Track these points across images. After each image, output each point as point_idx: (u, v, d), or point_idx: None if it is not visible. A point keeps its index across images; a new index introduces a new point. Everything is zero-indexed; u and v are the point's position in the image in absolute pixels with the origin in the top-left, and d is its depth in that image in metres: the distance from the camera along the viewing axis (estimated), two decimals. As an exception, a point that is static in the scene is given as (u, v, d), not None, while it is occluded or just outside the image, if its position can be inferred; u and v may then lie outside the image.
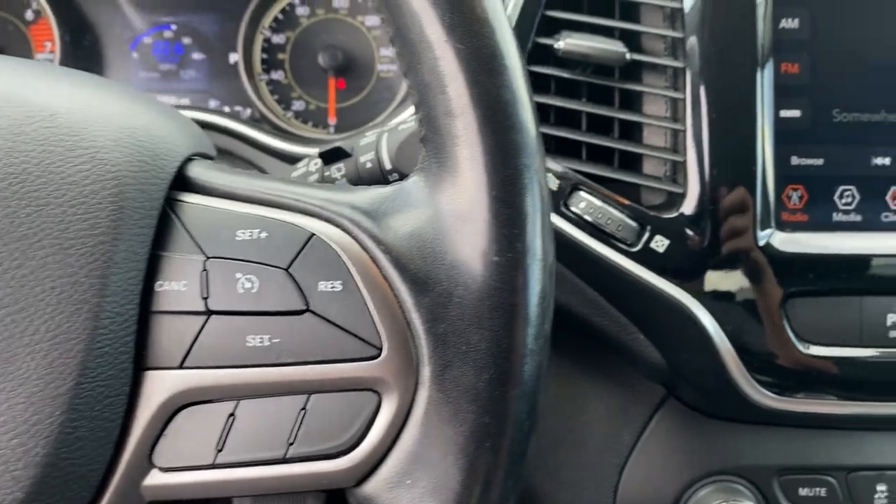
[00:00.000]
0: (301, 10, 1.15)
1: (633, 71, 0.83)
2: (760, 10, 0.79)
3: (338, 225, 0.50)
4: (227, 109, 1.14)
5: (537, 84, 0.83)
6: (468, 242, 0.48)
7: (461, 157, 0.48)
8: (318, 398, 0.48)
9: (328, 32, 1.15)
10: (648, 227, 0.80)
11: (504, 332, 0.47)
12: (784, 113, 0.80)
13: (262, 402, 0.48)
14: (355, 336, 0.48)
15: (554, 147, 0.84)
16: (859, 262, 0.79)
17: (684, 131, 0.79)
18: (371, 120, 1.11)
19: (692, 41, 0.79)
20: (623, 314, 0.83)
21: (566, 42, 0.81)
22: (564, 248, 0.82)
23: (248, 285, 0.48)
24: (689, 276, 0.79)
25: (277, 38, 1.15)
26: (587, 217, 0.80)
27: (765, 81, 0.79)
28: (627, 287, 0.80)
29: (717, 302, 0.79)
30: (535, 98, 0.82)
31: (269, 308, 0.48)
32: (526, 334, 0.47)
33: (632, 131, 0.84)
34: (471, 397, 0.47)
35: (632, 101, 0.84)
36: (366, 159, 0.74)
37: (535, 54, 0.84)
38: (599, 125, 0.84)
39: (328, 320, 0.48)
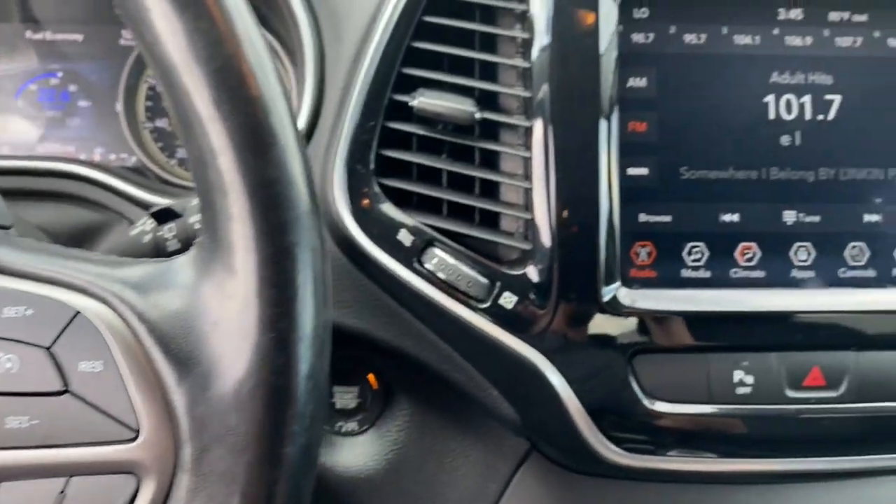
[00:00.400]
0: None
1: (491, 128, 0.84)
2: (607, 69, 0.80)
3: (105, 301, 0.49)
4: (112, 157, 1.13)
5: (399, 140, 0.84)
6: (233, 321, 0.47)
7: (230, 233, 0.48)
8: (78, 481, 0.47)
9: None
10: (498, 284, 0.80)
11: (264, 413, 0.47)
12: (631, 170, 0.81)
13: (21, 485, 0.47)
14: (113, 418, 0.47)
15: (416, 202, 0.84)
16: (706, 319, 0.80)
17: (531, 189, 0.80)
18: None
19: (538, 99, 0.80)
20: (477, 370, 0.82)
21: (419, 101, 0.82)
22: (420, 305, 0.82)
23: (8, 365, 0.47)
24: (535, 332, 0.79)
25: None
26: (440, 274, 0.80)
27: (612, 139, 0.80)
28: (479, 344, 0.80)
29: (564, 359, 0.79)
30: (394, 154, 0.84)
31: (29, 389, 0.47)
32: (288, 415, 0.47)
33: (493, 187, 0.84)
34: (227, 481, 0.46)
35: (493, 158, 0.84)
36: (194, 220, 0.73)
37: (395, 111, 0.84)
38: (462, 180, 0.84)
39: (87, 401, 0.47)
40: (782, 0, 0.82)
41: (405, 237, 0.81)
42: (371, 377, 0.94)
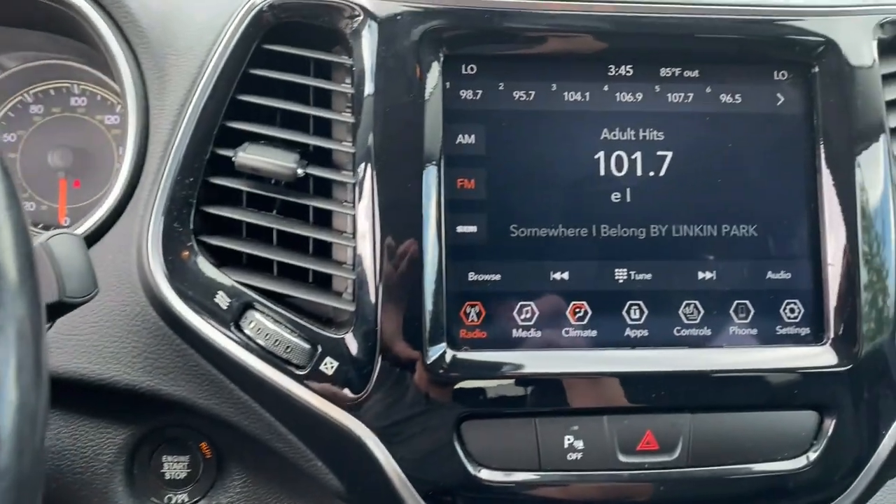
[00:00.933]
0: (35, 109, 1.10)
1: (325, 184, 0.81)
2: (433, 125, 0.78)
3: None
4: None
5: (228, 196, 0.80)
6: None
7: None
8: None
9: (65, 131, 1.09)
10: (320, 348, 0.76)
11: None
12: (461, 228, 0.79)
13: None
14: None
15: (245, 261, 0.80)
16: (536, 382, 0.77)
17: (354, 247, 0.76)
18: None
19: (362, 155, 0.77)
20: (300, 441, 0.78)
21: (240, 156, 0.78)
22: (238, 372, 0.77)
23: None
24: (357, 400, 0.75)
25: (8, 137, 1.09)
26: (258, 340, 0.76)
27: (441, 197, 0.78)
28: (300, 413, 0.76)
29: (388, 427, 0.75)
30: (215, 211, 0.80)
31: None
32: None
33: (327, 245, 0.81)
34: None
35: (327, 215, 0.81)
36: None
37: (219, 166, 0.80)
38: (290, 238, 0.81)
39: None
40: (612, 56, 0.82)
41: (222, 300, 0.77)
42: (203, 446, 0.88)
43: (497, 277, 0.79)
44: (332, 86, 0.81)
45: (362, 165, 0.77)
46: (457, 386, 0.76)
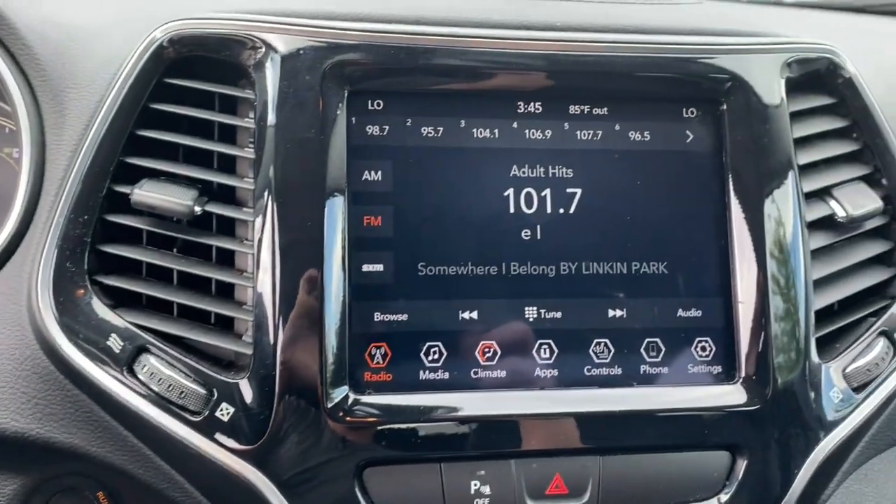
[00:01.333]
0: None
1: (229, 223, 0.78)
2: (337, 161, 0.76)
3: None
4: None
5: (129, 234, 0.77)
6: None
7: None
8: None
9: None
10: (216, 394, 0.73)
11: None
12: (366, 267, 0.76)
13: None
14: None
15: (145, 302, 0.77)
16: (441, 425, 0.74)
17: (256, 287, 0.74)
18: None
19: (262, 190, 0.75)
20: (198, 490, 0.74)
21: (136, 192, 0.75)
22: (131, 419, 0.74)
23: None
24: (254, 447, 0.72)
25: None
26: (151, 385, 0.73)
27: (346, 234, 0.76)
28: (196, 462, 0.73)
29: (286, 476, 0.72)
30: (111, 250, 0.77)
31: None
32: None
33: (229, 285, 0.78)
34: None
35: (233, 255, 0.78)
36: None
37: (118, 203, 0.77)
38: (190, 279, 0.78)
39: None
40: (521, 93, 0.81)
41: (115, 343, 0.73)
42: (101, 495, 0.84)
43: (404, 317, 0.77)
44: (233, 120, 0.78)
45: (262, 202, 0.75)
46: (358, 431, 0.73)
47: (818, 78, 0.90)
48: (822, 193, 0.88)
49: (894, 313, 0.88)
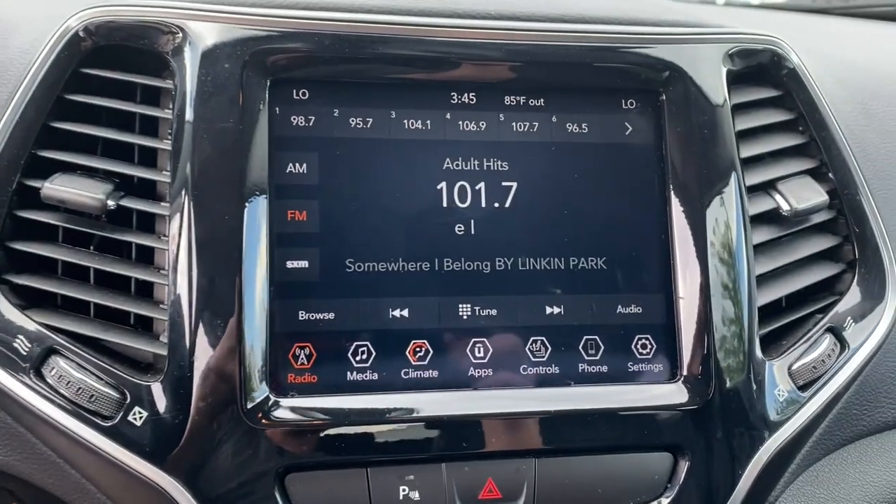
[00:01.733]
0: None
1: (149, 218, 0.75)
2: (259, 153, 0.73)
3: None
4: None
5: (43, 230, 0.74)
6: None
7: None
8: None
9: None
10: (129, 397, 0.69)
11: None
12: (290, 264, 0.73)
13: None
14: None
15: (59, 302, 0.73)
16: (368, 428, 0.71)
17: (171, 286, 0.70)
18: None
19: (179, 184, 0.71)
20: (110, 500, 0.70)
21: (46, 186, 0.72)
22: (38, 424, 0.70)
23: None
24: (169, 453, 0.68)
25: None
26: (61, 389, 0.69)
27: (267, 229, 0.72)
28: (108, 469, 0.69)
29: (203, 483, 0.68)
30: (21, 247, 0.73)
31: None
32: None
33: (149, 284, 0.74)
34: None
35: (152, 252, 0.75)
36: None
37: (31, 198, 0.73)
38: (107, 277, 0.74)
39: None
40: (454, 83, 0.79)
41: (22, 345, 0.69)
42: (15, 507, 0.79)
43: (330, 316, 0.73)
44: (152, 111, 0.75)
45: (179, 196, 0.71)
46: (280, 435, 0.69)
47: (762, 70, 0.88)
48: (767, 187, 0.85)
49: (841, 309, 0.86)
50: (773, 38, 0.87)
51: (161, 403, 0.69)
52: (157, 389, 0.69)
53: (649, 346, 0.78)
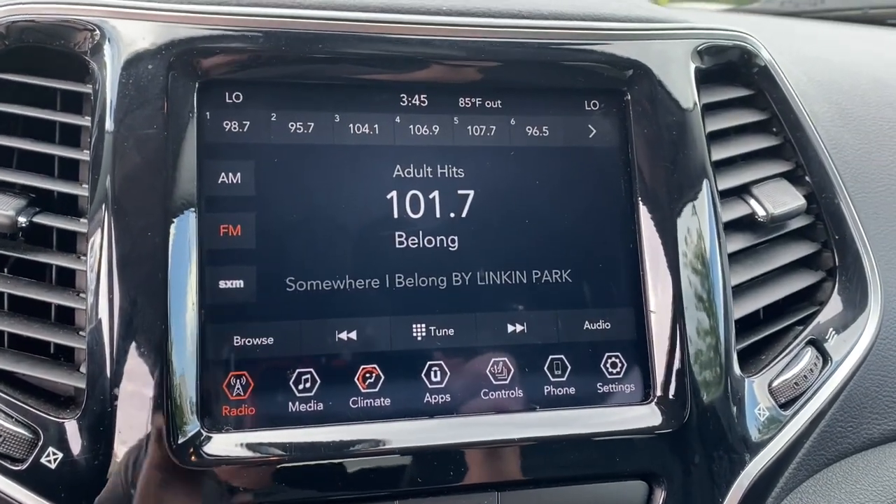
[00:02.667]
0: None
1: (68, 238, 0.68)
2: (187, 163, 0.66)
3: None
4: None
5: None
6: None
7: None
8: None
9: None
10: (42, 436, 0.62)
11: None
12: (224, 283, 0.66)
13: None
14: None
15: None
16: (312, 464, 0.64)
17: (90, 310, 0.63)
18: None
19: (99, 198, 0.64)
20: (22, 552, 0.63)
21: (-53, 203, 0.65)
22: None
23: None
24: (87, 499, 0.61)
25: None
26: (-35, 426, 0.61)
27: (201, 247, 0.65)
28: (19, 518, 0.61)
29: (124, 531, 0.61)
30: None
31: None
32: None
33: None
34: None
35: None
36: None
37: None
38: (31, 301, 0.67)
39: None
40: (404, 84, 0.73)
41: (-83, 379, 0.62)
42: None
43: (269, 341, 0.66)
44: (68, 118, 0.68)
45: (99, 211, 0.64)
46: (213, 474, 0.62)
47: (732, 68, 0.83)
48: (741, 191, 0.80)
49: (822, 320, 0.80)
50: (743, 33, 0.83)
51: (78, 443, 0.61)
52: (73, 427, 0.61)
53: (619, 365, 0.72)
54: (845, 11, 1.52)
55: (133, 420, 0.62)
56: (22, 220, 0.65)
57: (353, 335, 0.68)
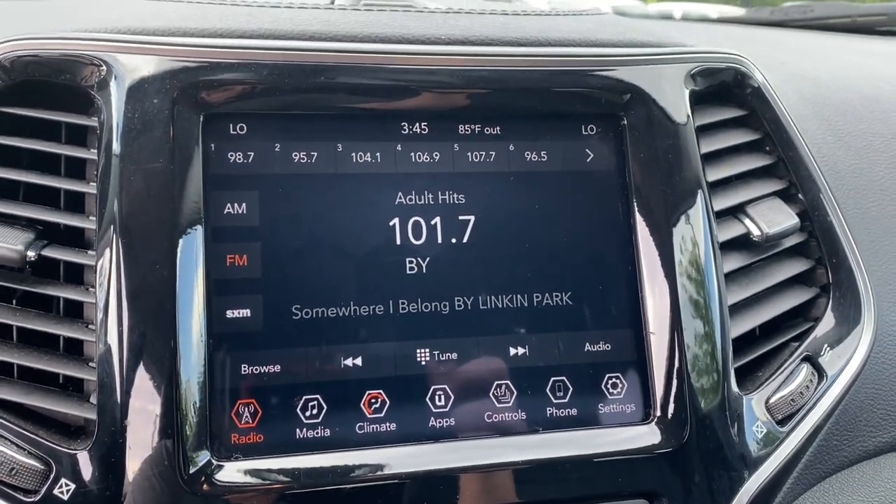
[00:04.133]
0: None
1: (76, 270, 0.69)
2: (193, 194, 0.67)
3: None
4: None
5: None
6: None
7: None
8: None
9: None
10: (54, 468, 0.62)
11: None
12: (231, 313, 0.67)
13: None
14: None
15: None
16: (320, 490, 0.65)
17: (99, 342, 0.64)
18: None
19: (106, 230, 0.65)
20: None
21: (-44, 236, 0.66)
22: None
23: None
24: (99, 530, 0.62)
25: None
26: (-25, 460, 0.62)
27: (208, 277, 0.67)
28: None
29: (137, 560, 0.62)
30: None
31: None
32: None
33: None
34: None
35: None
36: None
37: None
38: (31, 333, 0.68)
39: None
40: (404, 113, 0.74)
41: (-74, 411, 0.63)
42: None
43: (276, 369, 0.67)
44: (74, 151, 0.69)
45: (105, 243, 0.65)
46: (223, 502, 0.63)
47: (726, 89, 0.85)
48: (736, 211, 0.82)
49: (817, 336, 0.82)
50: (736, 56, 0.84)
51: (90, 473, 0.62)
52: (84, 458, 0.62)
53: (620, 386, 0.73)
54: (834, 20, 1.54)
55: (144, 450, 0.63)
56: (31, 254, 0.66)
57: (359, 361, 0.69)
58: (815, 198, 0.85)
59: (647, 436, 0.72)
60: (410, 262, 0.72)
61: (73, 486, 0.62)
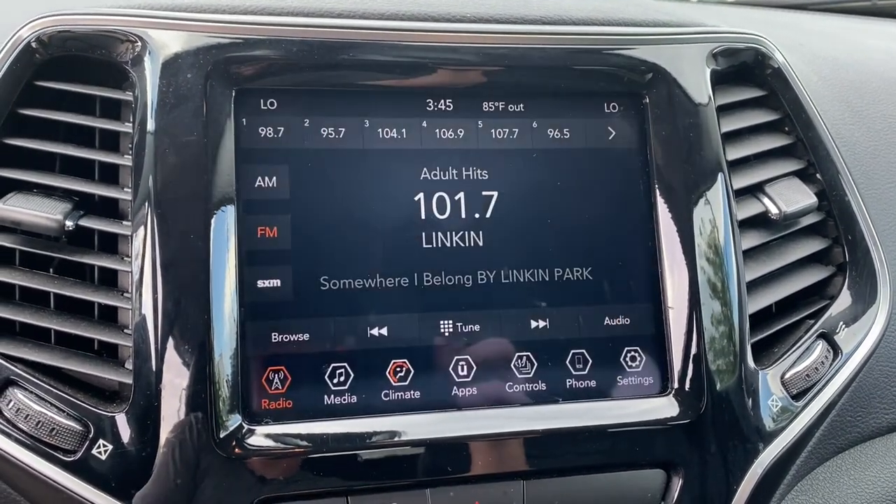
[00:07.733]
0: None
1: (110, 240, 0.71)
2: (225, 167, 0.69)
3: None
4: None
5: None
6: None
7: None
8: None
9: None
10: (92, 430, 0.65)
11: None
12: (261, 283, 0.69)
13: None
14: None
15: (18, 329, 0.69)
16: (347, 454, 0.67)
17: (135, 309, 0.66)
18: None
19: (141, 201, 0.67)
20: (74, 538, 0.67)
21: (0, 207, 0.68)
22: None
23: None
24: (135, 488, 0.64)
25: None
26: (19, 423, 0.65)
27: (235, 247, 0.69)
28: (71, 506, 0.65)
29: (169, 517, 0.64)
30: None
31: None
32: None
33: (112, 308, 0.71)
34: None
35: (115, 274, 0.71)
36: None
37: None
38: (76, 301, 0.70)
39: None
40: (430, 89, 0.75)
41: (-27, 375, 0.65)
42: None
43: (305, 337, 0.70)
44: (111, 125, 0.71)
45: (141, 214, 0.67)
46: (254, 464, 0.66)
47: (746, 70, 0.86)
48: (755, 190, 0.83)
49: (833, 314, 0.83)
50: (757, 36, 0.85)
51: (127, 435, 0.65)
52: (122, 420, 0.65)
53: (638, 359, 0.75)
54: (854, 4, 1.53)
55: (178, 414, 0.65)
56: (69, 223, 0.68)
57: (384, 331, 0.71)
58: (833, 178, 0.86)
59: (665, 408, 0.74)
60: (435, 236, 0.73)
61: (110, 447, 0.64)
